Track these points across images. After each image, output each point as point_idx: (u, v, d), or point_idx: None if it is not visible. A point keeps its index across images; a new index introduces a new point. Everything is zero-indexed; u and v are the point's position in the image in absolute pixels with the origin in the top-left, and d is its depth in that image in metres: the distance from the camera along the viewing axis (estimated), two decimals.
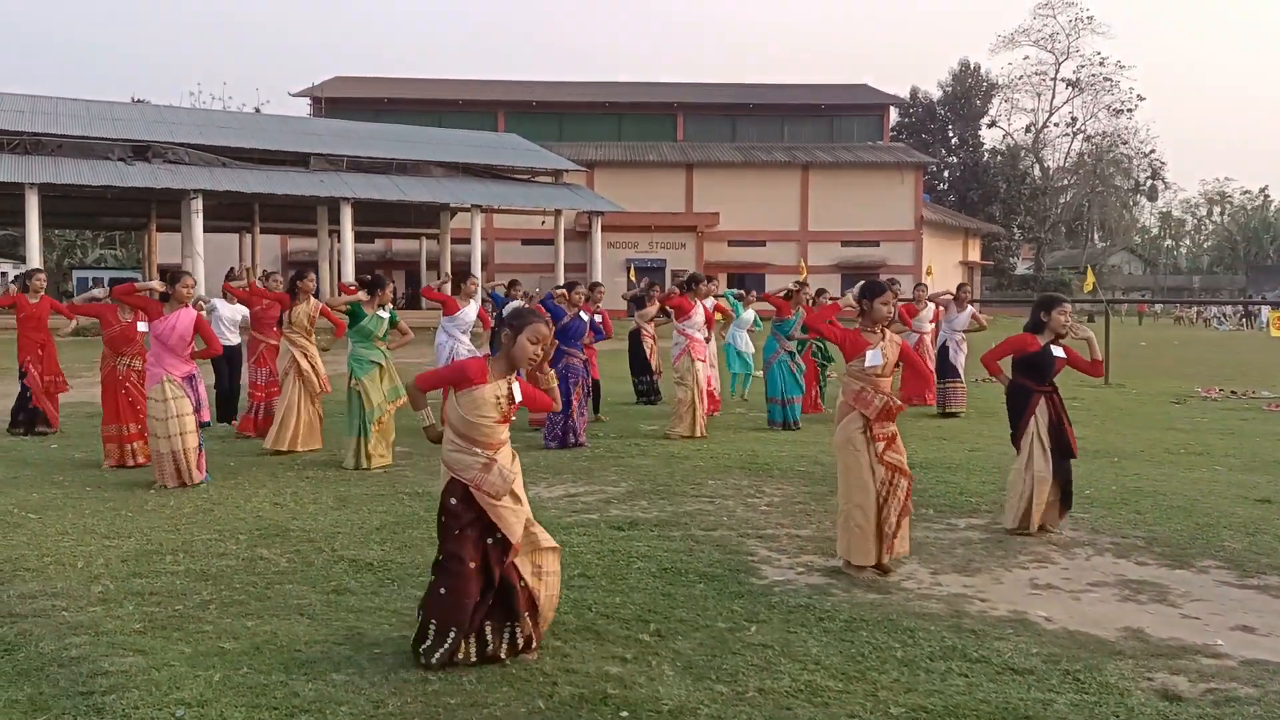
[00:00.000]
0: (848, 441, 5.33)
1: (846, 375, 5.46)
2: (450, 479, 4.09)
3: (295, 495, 7.40)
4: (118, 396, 8.67)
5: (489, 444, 4.05)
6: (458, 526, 4.01)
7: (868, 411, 5.29)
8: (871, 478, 5.25)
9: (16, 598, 4.86)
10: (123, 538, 6.09)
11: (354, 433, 8.62)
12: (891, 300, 5.49)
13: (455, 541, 4.00)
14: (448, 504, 4.07)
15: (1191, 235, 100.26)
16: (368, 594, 5.01)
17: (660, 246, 47.93)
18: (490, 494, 3.99)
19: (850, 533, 5.29)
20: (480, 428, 4.03)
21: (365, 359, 8.74)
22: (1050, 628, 4.52)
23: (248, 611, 4.73)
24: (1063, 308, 6.28)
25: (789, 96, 55.70)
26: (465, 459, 4.04)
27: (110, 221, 45.07)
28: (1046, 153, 72.84)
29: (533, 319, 4.16)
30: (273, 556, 5.70)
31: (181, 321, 7.82)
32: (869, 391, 5.32)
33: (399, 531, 6.29)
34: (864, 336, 5.43)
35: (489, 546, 4.03)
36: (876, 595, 4.96)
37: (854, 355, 5.41)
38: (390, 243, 47.66)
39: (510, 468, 4.09)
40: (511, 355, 4.12)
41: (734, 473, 8.34)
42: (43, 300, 10.72)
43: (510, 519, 4.05)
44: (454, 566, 3.98)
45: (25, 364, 10.52)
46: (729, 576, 5.26)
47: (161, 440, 7.61)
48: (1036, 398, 6.22)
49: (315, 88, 52.79)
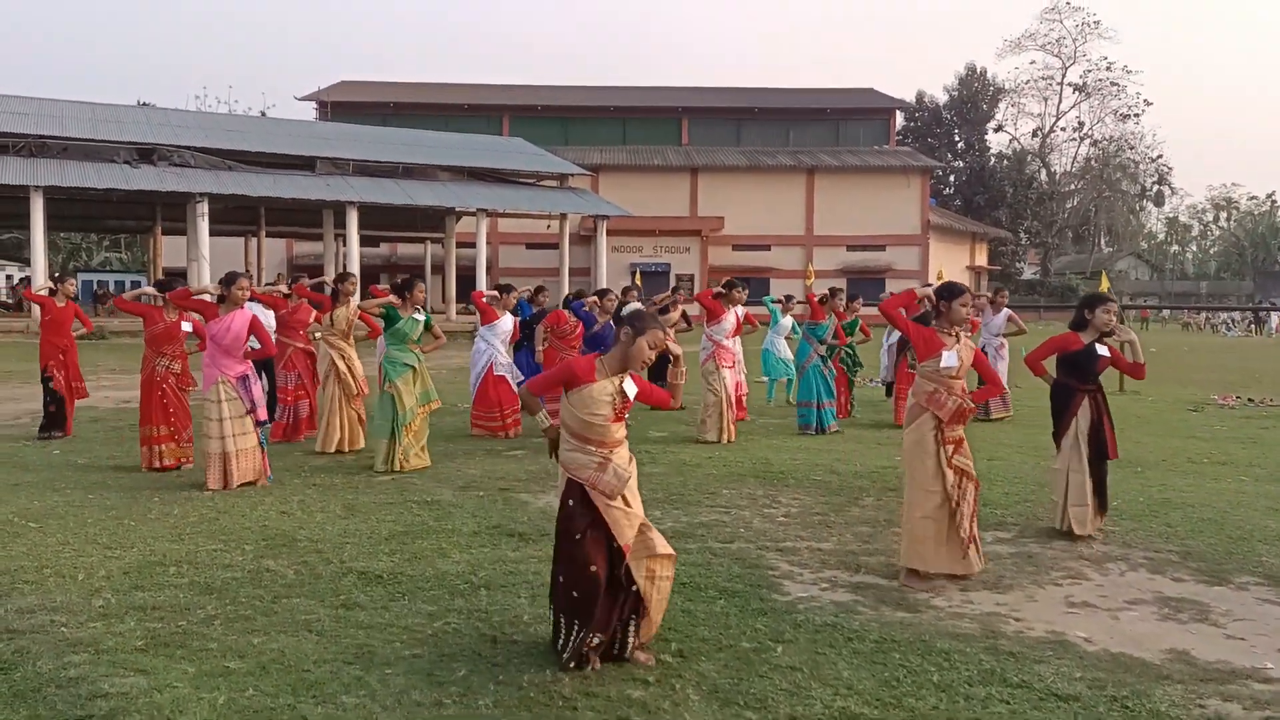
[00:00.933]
0: (918, 443, 5.25)
1: (919, 377, 5.37)
2: (568, 480, 4.10)
3: (303, 503, 7.23)
4: (153, 398, 8.61)
5: (604, 442, 4.05)
6: (579, 530, 4.02)
7: (941, 413, 5.21)
8: (941, 482, 5.16)
9: (14, 613, 4.69)
10: (125, 548, 5.91)
11: (385, 435, 8.57)
12: (970, 302, 5.40)
13: (578, 545, 4.00)
14: (566, 504, 4.08)
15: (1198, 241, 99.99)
16: (378, 609, 4.83)
17: (665, 250, 47.79)
18: (605, 493, 4.00)
19: (915, 538, 5.19)
20: (594, 426, 4.04)
21: (399, 361, 8.68)
22: (1091, 649, 4.33)
23: (253, 627, 4.56)
24: (1107, 306, 6.21)
25: (794, 101, 55.52)
26: (581, 458, 4.06)
27: (116, 225, 45.05)
28: (1053, 157, 72.67)
29: (654, 323, 4.16)
30: (279, 568, 5.53)
31: (237, 322, 7.86)
32: (942, 393, 5.23)
33: (408, 542, 6.12)
34: (940, 337, 5.33)
35: (615, 549, 4.02)
36: (906, 614, 4.77)
37: (928, 355, 5.32)
38: (395, 247, 47.54)
39: (626, 468, 4.07)
40: (628, 355, 4.12)
41: (748, 481, 8.15)
42: (68, 305, 10.71)
43: (622, 521, 4.03)
44: (581, 571, 3.97)
45: (49, 368, 10.44)
46: (750, 592, 5.07)
47: (214, 441, 7.63)
48: (1080, 397, 6.15)
49: (320, 92, 52.74)
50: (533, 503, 7.34)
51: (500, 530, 6.41)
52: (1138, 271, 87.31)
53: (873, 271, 48.51)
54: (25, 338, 26.07)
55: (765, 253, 49.32)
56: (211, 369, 7.80)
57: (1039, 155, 71.25)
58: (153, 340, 8.71)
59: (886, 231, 49.81)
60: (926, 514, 5.15)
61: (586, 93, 55.74)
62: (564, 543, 4.06)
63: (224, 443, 7.64)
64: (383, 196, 32.25)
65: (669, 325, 12.48)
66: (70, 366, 10.64)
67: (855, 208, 49.52)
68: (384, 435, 8.63)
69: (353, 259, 31.43)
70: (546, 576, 5.35)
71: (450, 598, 5.00)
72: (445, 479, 8.22)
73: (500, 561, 5.68)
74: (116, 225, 45.51)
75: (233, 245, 41.45)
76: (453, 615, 4.73)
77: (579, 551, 3.99)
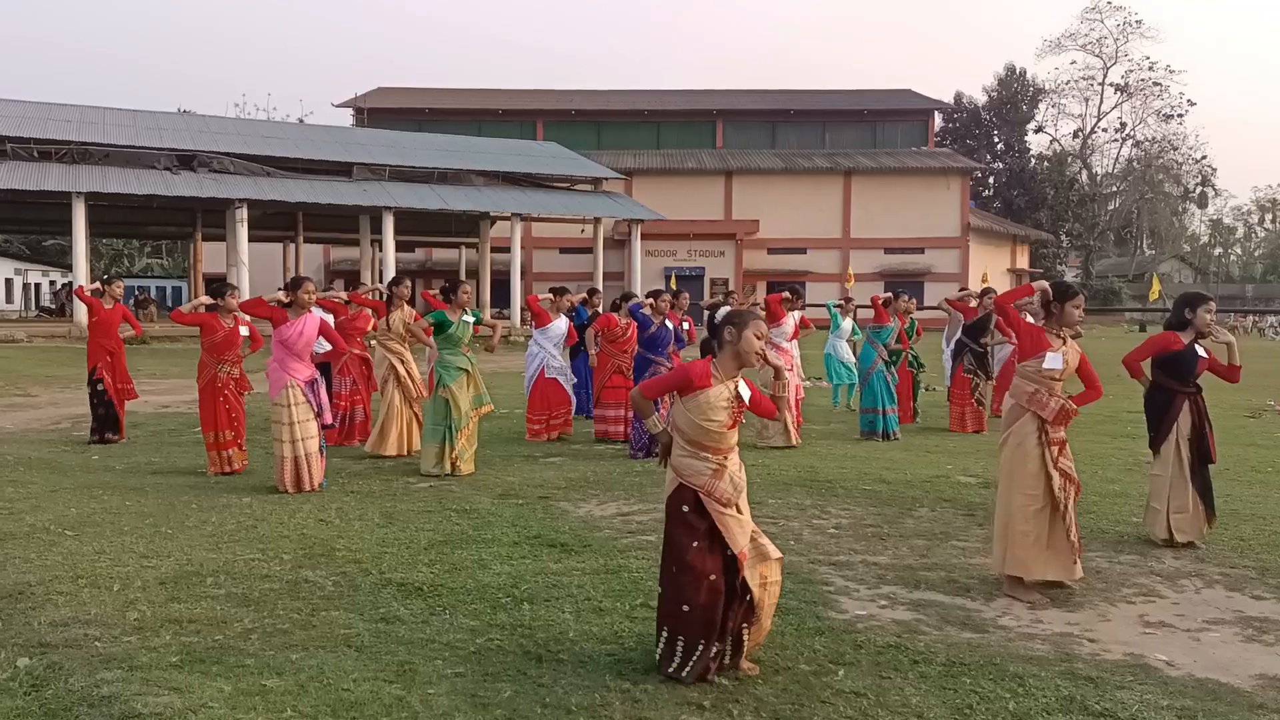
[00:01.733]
0: (1019, 446, 5.08)
1: (1019, 377, 5.23)
2: (679, 485, 3.96)
3: (340, 511, 7.10)
4: (217, 404, 8.63)
5: (719, 449, 3.94)
6: (694, 537, 3.89)
7: (1044, 413, 5.06)
8: (1045, 484, 4.99)
9: (48, 625, 4.56)
10: (161, 558, 5.80)
11: (438, 439, 8.53)
12: (1083, 304, 5.28)
13: (696, 554, 3.87)
14: (679, 512, 3.94)
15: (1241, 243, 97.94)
16: (418, 623, 4.66)
17: (699, 254, 47.51)
18: (720, 501, 3.89)
19: (1015, 543, 4.99)
20: (710, 432, 3.92)
21: (453, 365, 8.61)
22: (1175, 674, 4.05)
23: (291, 642, 4.40)
24: (1208, 305, 5.99)
25: (831, 102, 55.02)
26: (695, 464, 3.93)
27: (156, 231, 45.57)
28: (1094, 159, 71.54)
29: (752, 315, 4.05)
30: (317, 579, 5.38)
31: (308, 326, 7.90)
32: (1043, 393, 5.10)
33: (448, 552, 5.95)
34: (1048, 338, 5.18)
35: (730, 558, 3.90)
36: (973, 634, 4.52)
37: (1031, 354, 5.18)
38: (430, 252, 47.67)
39: (740, 475, 3.98)
40: (739, 352, 3.99)
41: (794, 490, 7.91)
42: (115, 307, 10.74)
43: (735, 529, 3.91)
44: (694, 580, 3.84)
45: (99, 371, 10.46)
46: (805, 610, 4.84)
47: (286, 445, 7.67)
48: (1180, 400, 5.92)
49: (357, 98, 53.06)
50: (573, 512, 7.15)
51: (541, 540, 6.23)
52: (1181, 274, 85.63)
53: (911, 275, 47.91)
54: (68, 342, 26.35)
55: (801, 256, 48.88)
56: (280, 373, 7.79)
57: (1080, 156, 70.15)
58: (214, 348, 8.73)
59: (925, 234, 49.18)
60: (1029, 519, 4.99)
61: (620, 96, 55.61)
62: (678, 552, 3.92)
63: (294, 446, 7.67)
64: (418, 202, 32.29)
65: None
66: (118, 369, 10.66)
67: (893, 210, 48.95)
68: (436, 439, 8.58)
69: (389, 264, 31.49)
70: (590, 590, 5.19)
71: (492, 612, 4.82)
72: (484, 486, 8.06)
73: (542, 574, 5.49)
74: (157, 231, 46.04)
75: (271, 251, 41.75)
76: (495, 631, 4.55)
77: (697, 561, 3.85)
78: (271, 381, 7.90)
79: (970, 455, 9.83)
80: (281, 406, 7.74)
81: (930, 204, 49.38)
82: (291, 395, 7.76)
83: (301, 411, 7.77)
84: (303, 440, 7.72)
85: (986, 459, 9.56)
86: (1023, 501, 5.02)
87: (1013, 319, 5.46)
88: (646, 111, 53.41)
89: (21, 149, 29.24)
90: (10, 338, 26.37)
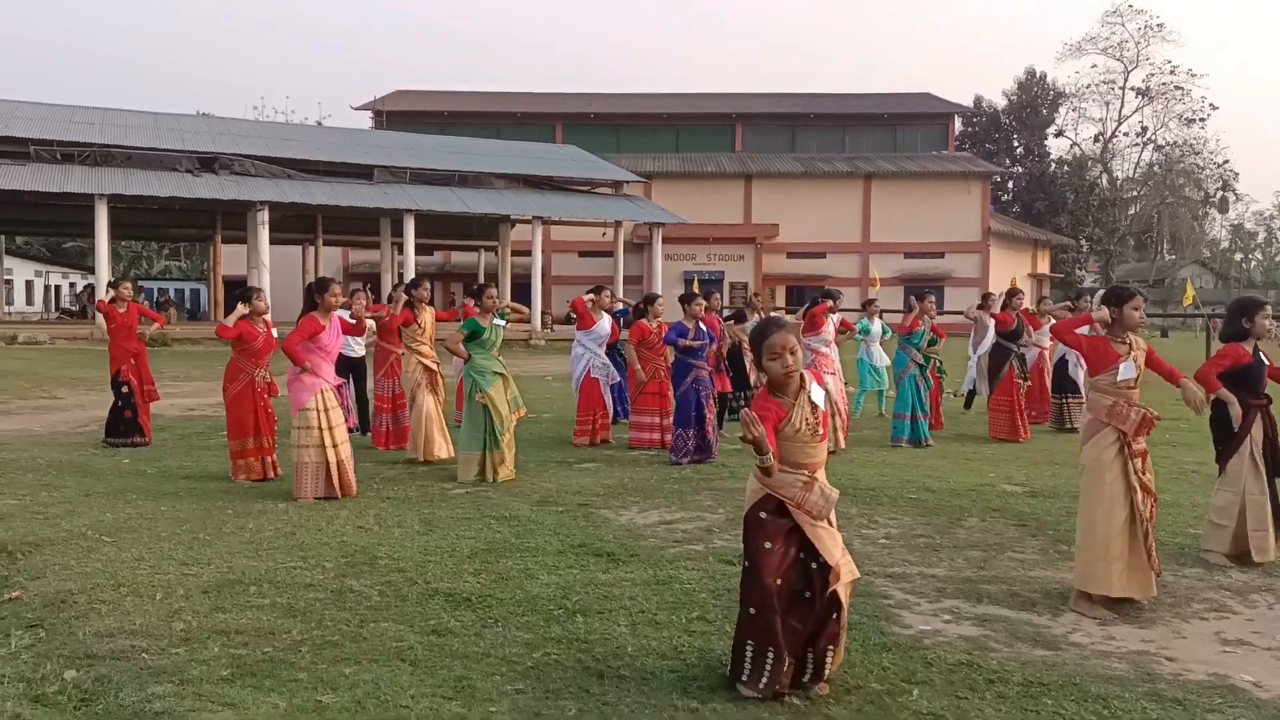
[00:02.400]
0: (1100, 459, 4.93)
1: (1093, 390, 5.10)
2: (763, 494, 3.85)
3: (379, 518, 6.99)
4: (255, 409, 8.52)
5: (808, 463, 3.83)
6: (767, 538, 3.79)
7: (1125, 426, 4.92)
8: (1129, 499, 4.86)
9: (93, 636, 4.46)
10: (202, 565, 5.70)
11: (479, 447, 8.39)
12: (1143, 305, 5.10)
13: (766, 555, 3.77)
14: (757, 517, 3.84)
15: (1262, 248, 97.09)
16: (470, 636, 4.53)
17: (718, 258, 47.31)
18: (812, 514, 3.78)
19: (1095, 560, 4.86)
20: (797, 448, 3.82)
21: (488, 370, 8.49)
22: (1265, 696, 3.89)
23: (343, 655, 4.28)
24: (1265, 310, 5.80)
25: (850, 106, 54.78)
26: (785, 477, 3.83)
27: (176, 233, 45.73)
28: (1115, 163, 70.99)
29: (768, 332, 3.88)
30: (363, 588, 5.27)
31: (336, 327, 7.86)
32: (1122, 405, 4.95)
33: (492, 561, 5.83)
34: (1114, 347, 5.04)
35: (813, 571, 3.79)
36: (1045, 651, 4.36)
37: (1102, 367, 5.04)
38: (449, 255, 47.68)
39: (830, 489, 3.86)
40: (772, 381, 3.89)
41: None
42: (130, 308, 10.65)
43: (828, 542, 3.81)
44: (758, 583, 3.76)
45: (124, 374, 10.41)
46: (868, 624, 4.68)
47: (313, 450, 7.51)
48: (1253, 412, 5.69)
49: (376, 101, 53.15)
50: (614, 520, 7.02)
51: (586, 549, 6.10)
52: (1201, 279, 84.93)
53: (931, 279, 47.58)
54: (90, 344, 26.40)
55: (820, 260, 48.62)
56: (313, 378, 7.66)
57: (1100, 160, 69.63)
58: (255, 355, 8.59)
59: (946, 238, 48.85)
60: (1113, 534, 4.84)
61: (639, 100, 55.51)
62: (749, 555, 3.84)
63: (327, 452, 7.53)
64: (439, 204, 32.25)
65: (741, 332, 12.20)
66: (142, 370, 10.60)
67: (913, 214, 48.65)
68: (476, 448, 8.41)
69: (409, 267, 31.46)
70: (644, 602, 5.06)
71: (545, 624, 4.69)
72: (521, 493, 7.94)
73: (592, 584, 5.36)
74: (177, 234, 46.20)
75: (290, 253, 41.81)
76: (551, 645, 4.42)
77: (765, 562, 3.75)
78: (305, 386, 7.70)
79: (1012, 463, 9.65)
80: (316, 411, 7.58)
81: (951, 208, 49.06)
82: (325, 400, 7.65)
83: (335, 417, 7.68)
84: (335, 445, 7.59)
85: (1029, 466, 9.40)
86: (1107, 518, 4.88)
87: (1071, 341, 5.29)
88: (665, 115, 53.28)
89: (45, 151, 29.36)
90: (33, 339, 26.45)
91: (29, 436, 11.08)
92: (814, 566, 3.78)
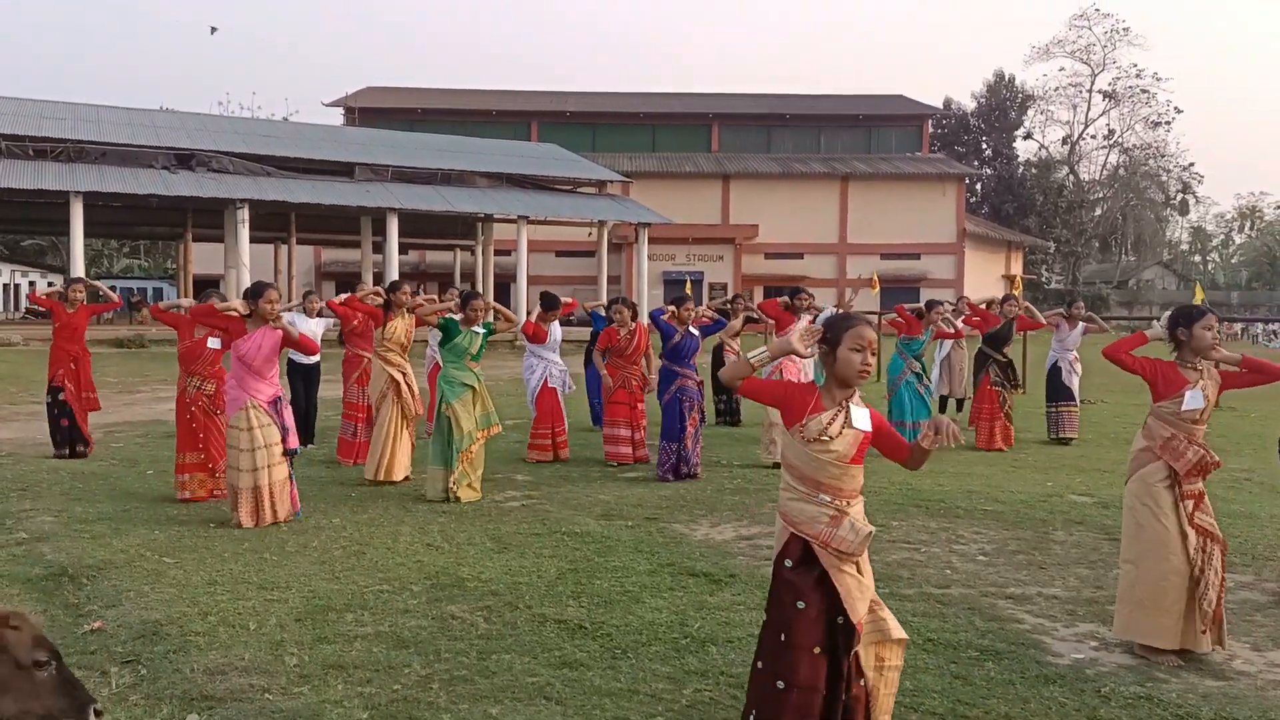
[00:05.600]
0: (1147, 496, 4.50)
1: (1153, 418, 4.59)
2: (789, 537, 3.33)
3: (444, 533, 6.69)
4: (184, 422, 7.91)
5: (840, 490, 3.28)
6: (797, 597, 3.24)
7: (1178, 464, 4.45)
8: (1181, 543, 4.40)
9: (203, 674, 4.13)
10: (281, 589, 5.37)
11: (440, 463, 7.78)
12: (1215, 325, 4.53)
13: (792, 616, 3.23)
14: (782, 568, 3.32)
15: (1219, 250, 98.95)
16: (604, 669, 4.27)
17: (697, 259, 47.20)
18: (841, 552, 3.22)
19: (1135, 607, 4.44)
20: (827, 466, 3.27)
21: (457, 381, 7.90)
22: None
23: (479, 692, 4.00)
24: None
25: (826, 107, 54.91)
26: (809, 509, 3.28)
27: (147, 231, 44.69)
28: (1082, 165, 71.95)
29: (852, 321, 3.35)
30: (465, 615, 4.98)
31: (268, 340, 6.95)
32: (1180, 440, 4.47)
33: (585, 583, 5.56)
34: (1181, 373, 4.55)
35: (840, 627, 3.23)
36: (1216, 681, 4.18)
37: (1167, 394, 4.54)
38: (424, 255, 47.06)
39: (865, 523, 3.30)
40: (835, 373, 3.35)
41: (909, 511, 7.57)
42: (80, 309, 9.96)
43: (854, 591, 3.24)
44: (797, 653, 3.20)
45: (60, 378, 9.74)
46: (1016, 652, 4.48)
47: (244, 474, 6.76)
48: None
49: (348, 97, 52.32)
50: (691, 535, 6.78)
51: (678, 569, 5.85)
52: (1164, 281, 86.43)
53: (908, 280, 47.80)
54: None
55: (798, 260, 48.67)
56: (238, 392, 6.91)
57: (1067, 162, 70.51)
58: (182, 359, 8.02)
59: (921, 240, 49.13)
60: (1157, 580, 4.39)
61: (615, 99, 55.19)
62: (775, 614, 3.31)
63: (256, 475, 6.76)
64: (422, 203, 31.73)
65: (730, 335, 11.96)
66: (82, 377, 9.88)
67: (889, 215, 48.87)
68: (440, 463, 7.77)
69: (392, 266, 30.92)
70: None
71: (679, 656, 4.44)
72: (580, 506, 7.67)
73: (704, 609, 5.12)
74: (148, 232, 45.13)
75: (263, 252, 40.97)
76: (696, 679, 4.17)
77: (799, 625, 3.20)
78: (228, 401, 7.05)
79: (1057, 470, 9.55)
80: (240, 430, 6.81)
81: (926, 209, 49.36)
82: (253, 417, 6.82)
83: (267, 435, 6.84)
84: (268, 468, 6.79)
85: (1077, 475, 9.26)
86: (1153, 561, 4.42)
87: (1129, 364, 4.70)
88: (642, 115, 53.05)
89: (16, 147, 28.44)
90: (7, 341, 25.62)
91: (35, 445, 10.59)
92: (840, 621, 3.24)
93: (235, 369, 7.01)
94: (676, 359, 9.33)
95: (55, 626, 4.78)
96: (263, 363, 6.95)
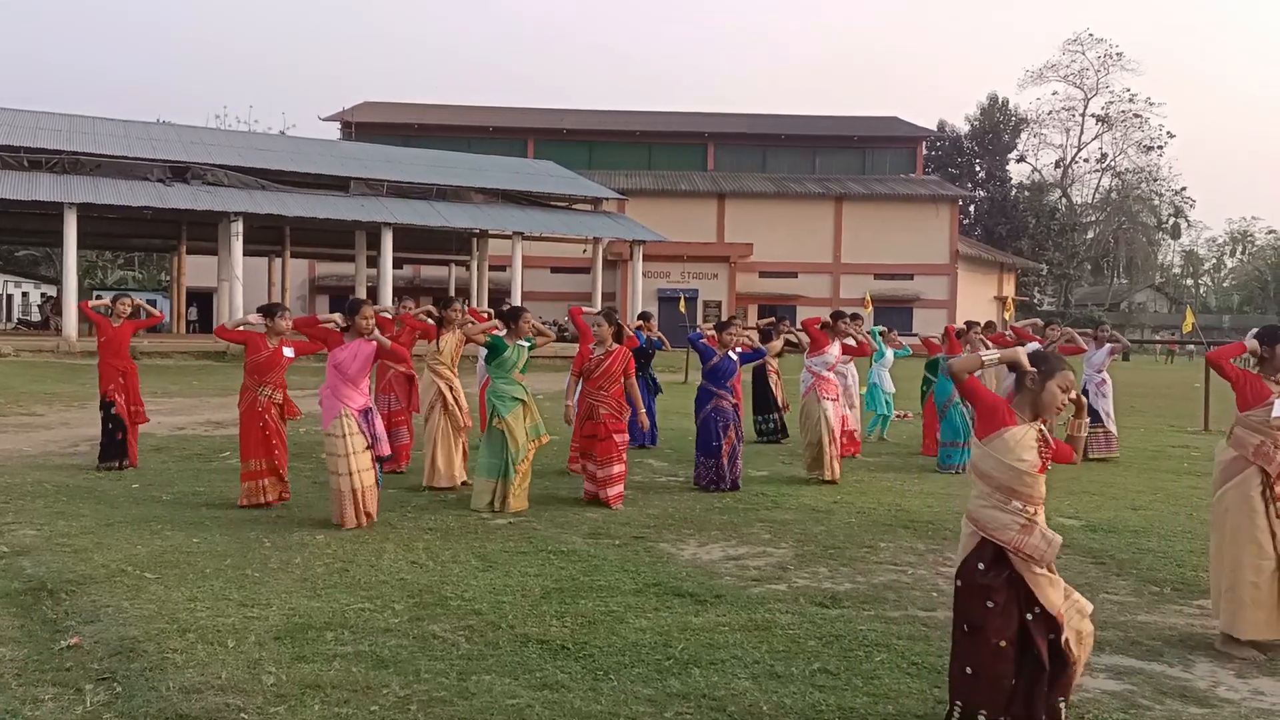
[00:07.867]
0: (1243, 501, 4.87)
1: (1239, 427, 5.01)
2: (979, 541, 3.64)
3: (429, 550, 6.64)
4: (256, 430, 8.10)
5: (1031, 498, 3.62)
6: (988, 595, 3.57)
7: (1271, 467, 4.87)
8: (1272, 541, 4.79)
9: (178, 692, 4.08)
10: (262, 606, 5.32)
11: (495, 474, 8.03)
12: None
13: (984, 614, 3.56)
14: (973, 568, 3.63)
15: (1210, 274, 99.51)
16: (585, 691, 4.22)
17: (692, 276, 47.28)
18: (1035, 558, 3.56)
19: (1242, 603, 4.80)
20: (1022, 475, 3.60)
21: (508, 395, 8.11)
22: None
23: (457, 714, 3.96)
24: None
25: (820, 128, 55.23)
26: (1002, 517, 3.60)
27: (141, 243, 44.72)
28: (1074, 189, 72.37)
29: (1061, 364, 3.76)
30: (446, 634, 4.93)
31: (364, 351, 7.43)
32: (1268, 446, 4.88)
33: (569, 602, 5.52)
34: (1266, 384, 5.02)
35: (1029, 622, 3.56)
36: (1200, 708, 4.13)
37: (1253, 403, 4.98)
38: (418, 269, 47.10)
39: (1051, 532, 3.64)
40: (1039, 403, 3.71)
41: (897, 532, 7.55)
42: (124, 324, 10.08)
43: (1048, 589, 3.59)
44: (981, 645, 3.55)
45: (111, 393, 9.83)
46: None
47: (342, 478, 7.22)
48: None
49: (345, 112, 52.53)
50: (678, 555, 6.74)
51: (663, 589, 5.81)
52: (1156, 304, 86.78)
53: (901, 300, 48.00)
54: (56, 357, 25.55)
55: (792, 280, 48.84)
56: (334, 401, 7.31)
57: (1060, 185, 70.92)
58: (256, 369, 8.18)
59: (915, 260, 49.35)
60: (1260, 578, 4.79)
61: (611, 117, 55.47)
62: (969, 613, 3.62)
63: (352, 479, 7.20)
64: (418, 218, 31.78)
65: (771, 354, 11.96)
66: (130, 390, 10.02)
67: (883, 236, 49.09)
68: (493, 475, 8.06)
69: (386, 280, 30.94)
70: (753, 651, 4.78)
71: (661, 678, 4.40)
72: (567, 524, 7.62)
73: (688, 630, 5.07)
74: (143, 244, 45.16)
75: (257, 265, 40.94)
76: (678, 702, 4.13)
77: (990, 622, 3.54)
78: (325, 410, 7.45)
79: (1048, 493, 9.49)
80: (336, 437, 7.26)
81: (920, 230, 49.59)
82: (346, 425, 7.27)
83: (357, 442, 7.30)
84: (359, 473, 7.24)
85: (1068, 497, 9.24)
86: (1251, 560, 4.81)
87: (1227, 371, 5.17)
88: (638, 133, 53.31)
89: (11, 158, 28.45)
90: None
91: (23, 458, 10.52)
92: (1029, 618, 3.57)
93: (330, 379, 7.42)
94: (714, 380, 9.42)
95: (32, 641, 4.73)
96: (357, 372, 7.41)
